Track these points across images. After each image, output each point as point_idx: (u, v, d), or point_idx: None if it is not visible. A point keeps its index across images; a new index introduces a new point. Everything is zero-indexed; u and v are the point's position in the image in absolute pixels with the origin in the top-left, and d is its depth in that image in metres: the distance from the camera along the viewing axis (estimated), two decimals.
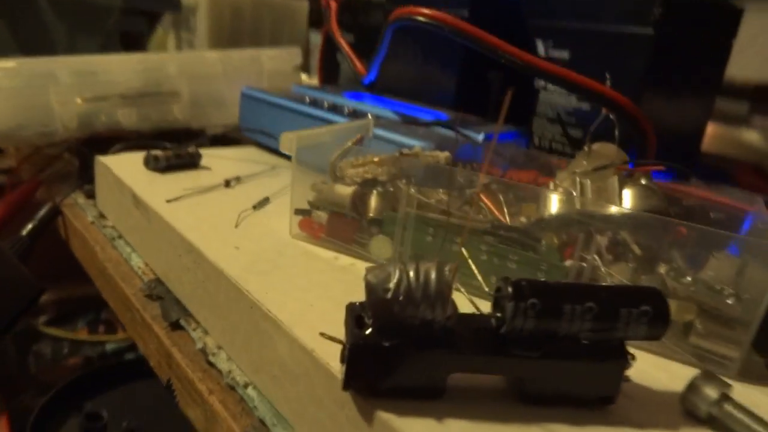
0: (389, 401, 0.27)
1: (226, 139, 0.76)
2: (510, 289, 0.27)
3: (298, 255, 0.42)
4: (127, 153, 0.61)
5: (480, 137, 0.56)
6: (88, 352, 0.68)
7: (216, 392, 0.37)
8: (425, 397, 0.27)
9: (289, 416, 0.33)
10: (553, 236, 0.40)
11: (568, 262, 0.37)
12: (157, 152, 0.56)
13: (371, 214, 0.42)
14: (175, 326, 0.43)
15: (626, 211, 0.39)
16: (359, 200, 0.42)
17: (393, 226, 0.41)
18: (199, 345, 0.40)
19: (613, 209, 0.40)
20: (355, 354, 0.26)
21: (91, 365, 0.65)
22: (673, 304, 0.34)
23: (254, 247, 0.42)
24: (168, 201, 0.49)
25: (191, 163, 0.58)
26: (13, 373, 0.63)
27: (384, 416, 0.26)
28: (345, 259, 0.42)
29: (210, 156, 0.62)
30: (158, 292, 0.46)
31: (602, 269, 0.37)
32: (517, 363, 0.27)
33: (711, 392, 0.28)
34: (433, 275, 0.26)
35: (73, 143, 0.72)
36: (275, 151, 0.67)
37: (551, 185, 0.44)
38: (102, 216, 0.60)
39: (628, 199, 0.40)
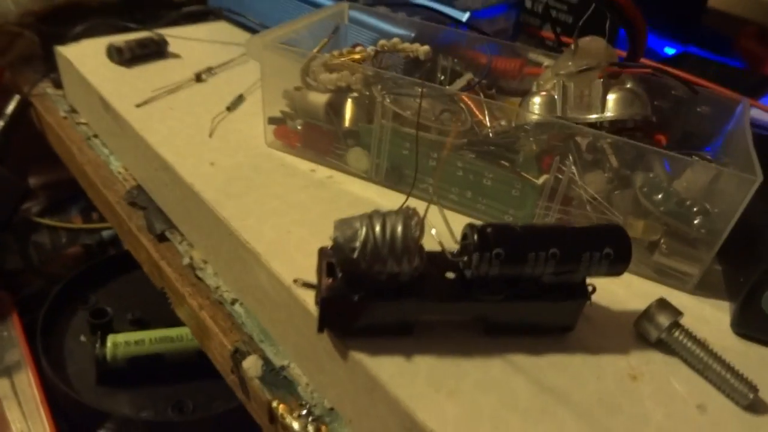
0: (362, 340, 0.29)
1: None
2: (476, 238, 0.27)
3: (275, 169, 0.42)
4: (90, 40, 0.56)
5: (465, 16, 0.52)
6: (86, 240, 0.71)
7: (206, 308, 0.39)
8: (396, 334, 0.29)
9: (274, 335, 0.36)
10: (532, 143, 0.40)
11: (542, 179, 0.37)
12: (120, 43, 0.53)
13: (346, 125, 0.41)
14: (162, 238, 0.44)
15: (606, 119, 0.38)
16: (333, 110, 0.41)
17: (369, 138, 0.40)
18: (186, 260, 0.42)
19: (593, 118, 0.39)
20: (327, 306, 0.27)
21: (91, 254, 0.68)
22: (640, 224, 0.35)
23: (230, 161, 0.42)
24: (137, 105, 0.47)
25: (157, 51, 0.55)
26: (17, 265, 0.66)
27: (356, 356, 0.28)
28: (322, 171, 0.42)
29: (177, 39, 0.58)
30: (141, 201, 0.47)
31: (578, 180, 0.37)
32: (481, 305, 0.28)
33: (663, 320, 0.30)
34: (399, 230, 0.27)
35: (33, 21, 0.67)
36: (247, 28, 0.63)
37: (534, 86, 0.42)
38: (73, 110, 0.58)
39: (611, 104, 0.39)
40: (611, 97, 0.39)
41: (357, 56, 0.44)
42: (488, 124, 0.42)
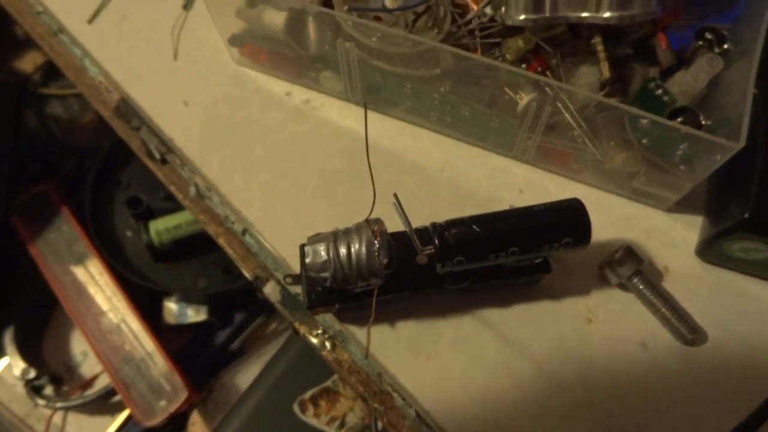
0: (352, 313, 0.34)
1: None
2: (437, 243, 0.29)
3: (250, 98, 0.40)
4: None
5: None
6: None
7: (222, 235, 0.43)
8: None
9: (284, 269, 0.41)
10: (519, 40, 0.36)
11: (522, 104, 0.34)
12: None
13: (312, 49, 0.37)
14: (164, 161, 0.46)
15: (600, 20, 0.33)
16: (294, 33, 0.37)
17: (338, 63, 0.37)
18: (192, 191, 0.44)
19: (586, 16, 0.33)
20: (312, 307, 0.32)
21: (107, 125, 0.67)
22: (621, 157, 0.34)
23: (203, 96, 0.40)
24: (89, 21, 0.43)
25: None
26: (44, 143, 0.67)
27: (349, 328, 0.34)
28: (298, 94, 0.40)
29: None
30: (131, 119, 0.47)
31: (566, 101, 0.34)
32: (449, 290, 0.32)
33: (624, 271, 0.32)
34: (364, 257, 0.29)
35: None
36: None
37: None
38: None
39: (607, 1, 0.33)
40: None
41: None
42: (474, 7, 0.37)
